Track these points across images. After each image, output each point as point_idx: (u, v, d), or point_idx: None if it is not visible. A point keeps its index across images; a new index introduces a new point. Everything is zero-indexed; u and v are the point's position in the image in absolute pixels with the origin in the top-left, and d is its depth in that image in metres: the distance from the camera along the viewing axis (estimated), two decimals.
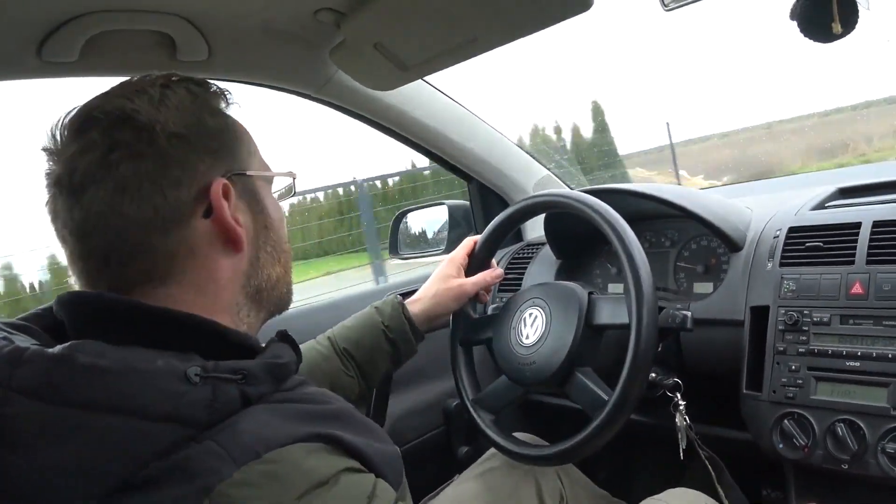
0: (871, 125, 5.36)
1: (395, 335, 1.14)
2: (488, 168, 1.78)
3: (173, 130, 0.63)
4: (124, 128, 0.62)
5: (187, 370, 0.54)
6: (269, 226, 0.72)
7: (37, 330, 0.63)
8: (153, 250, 0.62)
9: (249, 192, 0.70)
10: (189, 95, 0.66)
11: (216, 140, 0.67)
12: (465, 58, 1.15)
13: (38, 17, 0.92)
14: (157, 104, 0.63)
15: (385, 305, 1.17)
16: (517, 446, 1.11)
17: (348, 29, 1.10)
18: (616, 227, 1.04)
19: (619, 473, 1.82)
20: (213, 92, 0.70)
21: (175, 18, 1.02)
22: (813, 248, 1.13)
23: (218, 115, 0.69)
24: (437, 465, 1.32)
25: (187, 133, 0.64)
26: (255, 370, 0.59)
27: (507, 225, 1.27)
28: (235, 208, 0.67)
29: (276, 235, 0.73)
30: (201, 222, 0.64)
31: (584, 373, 1.06)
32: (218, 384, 0.55)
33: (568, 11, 0.98)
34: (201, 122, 0.66)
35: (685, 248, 1.43)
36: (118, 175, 0.60)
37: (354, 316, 1.19)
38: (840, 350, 1.04)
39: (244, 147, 0.71)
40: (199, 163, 0.64)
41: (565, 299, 1.10)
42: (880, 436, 0.98)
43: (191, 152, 0.64)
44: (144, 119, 0.62)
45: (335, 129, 20.95)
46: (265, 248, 0.71)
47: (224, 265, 0.66)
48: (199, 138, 0.65)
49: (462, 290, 1.22)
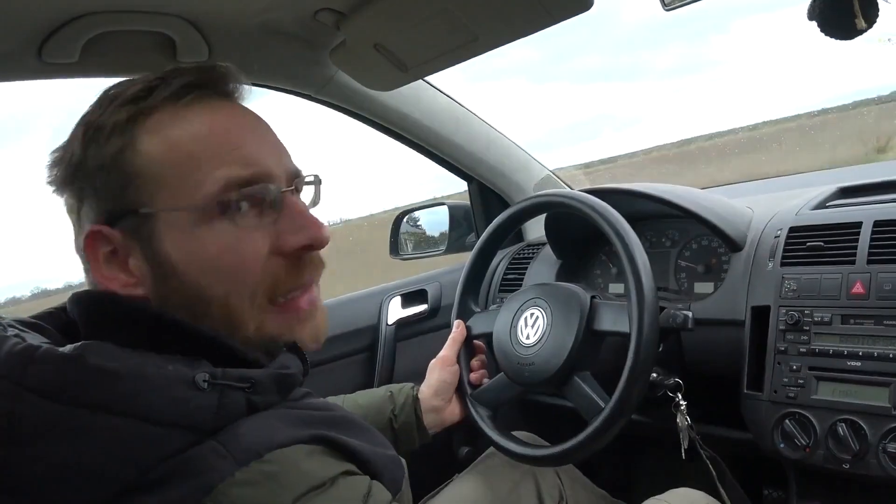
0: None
1: (399, 426, 1.13)
2: (488, 168, 1.78)
3: (60, 175, 0.63)
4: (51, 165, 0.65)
5: (195, 376, 0.54)
6: (170, 273, 0.60)
7: (49, 329, 0.63)
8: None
9: (141, 233, 0.60)
10: (84, 124, 0.62)
11: (97, 177, 0.60)
12: (466, 58, 1.15)
13: (39, 18, 0.92)
14: (71, 138, 0.63)
15: (399, 394, 1.16)
16: (515, 445, 1.11)
17: (348, 29, 1.10)
18: (618, 229, 1.04)
19: (621, 473, 1.82)
20: (130, 100, 0.61)
21: (175, 19, 1.02)
22: (814, 248, 1.13)
23: (108, 143, 0.60)
24: (438, 465, 1.31)
25: (73, 176, 0.62)
26: (263, 379, 0.58)
27: (508, 225, 1.27)
28: (126, 252, 0.61)
29: (186, 284, 0.60)
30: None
31: (583, 377, 1.06)
32: (225, 391, 0.55)
33: (568, 11, 0.98)
34: (86, 156, 0.61)
35: (686, 248, 1.43)
36: None
37: (370, 392, 1.18)
38: (841, 350, 1.04)
39: (140, 178, 0.59)
40: (81, 208, 0.62)
41: (567, 302, 1.10)
42: (882, 435, 0.98)
43: (75, 198, 0.63)
44: (58, 157, 0.64)
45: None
46: (171, 298, 0.60)
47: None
48: (83, 178, 0.61)
49: (441, 358, 1.21)
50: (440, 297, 1.71)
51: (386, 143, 1.53)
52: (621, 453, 1.80)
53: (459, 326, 1.24)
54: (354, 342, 1.57)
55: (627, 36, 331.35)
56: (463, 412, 1.21)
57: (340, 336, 1.54)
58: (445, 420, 1.19)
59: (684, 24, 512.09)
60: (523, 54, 32.81)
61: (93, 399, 0.51)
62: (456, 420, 1.21)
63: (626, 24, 55.96)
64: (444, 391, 1.18)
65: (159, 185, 0.59)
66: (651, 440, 1.70)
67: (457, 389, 1.21)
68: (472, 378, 1.23)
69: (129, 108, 0.60)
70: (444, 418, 1.19)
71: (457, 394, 1.21)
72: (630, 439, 1.63)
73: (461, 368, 1.22)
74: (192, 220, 0.60)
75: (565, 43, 38.13)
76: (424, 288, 1.71)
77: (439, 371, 1.20)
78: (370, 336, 1.59)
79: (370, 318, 1.61)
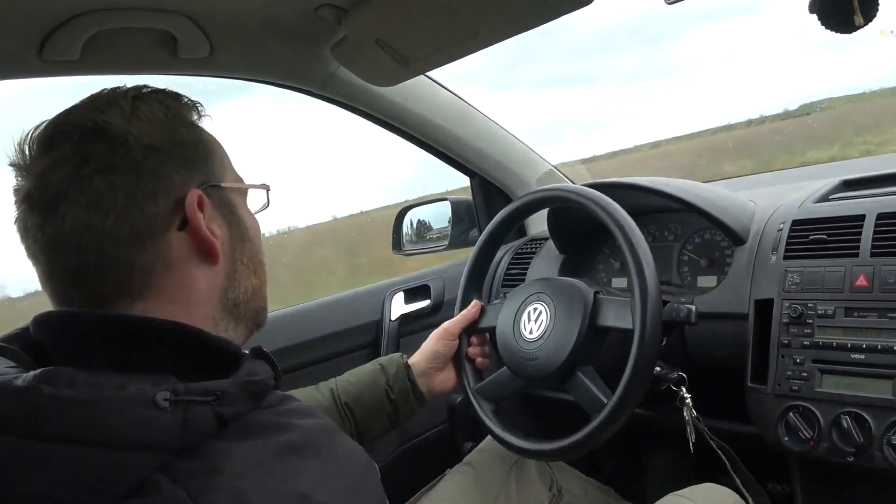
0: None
1: (396, 395, 1.14)
2: (491, 163, 1.78)
3: (147, 142, 0.62)
4: (96, 141, 0.60)
5: (156, 395, 0.52)
6: (244, 237, 0.71)
7: (17, 350, 0.61)
8: (129, 265, 0.60)
9: (224, 204, 0.69)
10: (161, 107, 0.65)
11: (190, 152, 0.66)
12: (467, 53, 1.15)
13: (39, 16, 0.92)
14: (129, 116, 0.62)
15: (390, 365, 1.17)
16: (517, 439, 1.11)
17: (349, 25, 1.10)
18: (621, 224, 1.04)
19: (626, 467, 1.82)
20: (185, 104, 0.69)
21: (176, 16, 1.02)
22: (817, 241, 1.13)
23: (191, 127, 0.68)
24: (442, 461, 1.32)
25: (161, 145, 0.63)
26: (230, 389, 0.57)
27: (511, 220, 1.27)
28: (210, 220, 0.65)
29: (253, 246, 0.72)
30: (176, 235, 0.62)
31: (586, 372, 1.06)
32: (189, 407, 0.53)
33: (569, 6, 0.98)
34: (174, 133, 0.65)
35: (689, 242, 1.43)
36: (91, 189, 0.59)
37: (359, 370, 1.19)
38: (845, 342, 1.04)
39: (217, 159, 0.70)
40: (174, 174, 0.63)
41: (570, 297, 1.10)
42: (886, 428, 0.98)
43: (165, 164, 0.63)
44: (117, 131, 0.61)
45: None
46: (241, 259, 0.70)
47: (200, 279, 0.64)
48: (173, 150, 0.64)
49: (444, 328, 1.22)
50: (443, 292, 1.71)
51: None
52: (626, 447, 1.80)
53: (476, 306, 1.25)
54: (358, 338, 1.57)
55: (583, 42, 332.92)
56: (456, 383, 1.23)
57: (344, 332, 1.54)
58: (435, 387, 1.21)
59: (639, 30, 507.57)
60: (477, 63, 32.57)
61: (51, 431, 0.49)
62: (446, 389, 1.23)
63: (580, 31, 53.66)
64: (436, 360, 1.20)
65: (224, 166, 0.71)
66: (656, 434, 1.70)
67: (453, 360, 1.23)
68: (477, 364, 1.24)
69: (187, 102, 0.70)
70: (433, 385, 1.21)
71: (452, 364, 1.23)
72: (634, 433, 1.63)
73: (465, 363, 1.22)
74: (243, 200, 0.73)
75: (519, 50, 38.22)
76: (427, 283, 1.71)
77: (436, 342, 1.22)
78: (373, 331, 1.59)
79: (373, 313, 1.61)
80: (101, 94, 0.65)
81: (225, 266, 0.67)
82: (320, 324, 1.52)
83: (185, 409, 0.52)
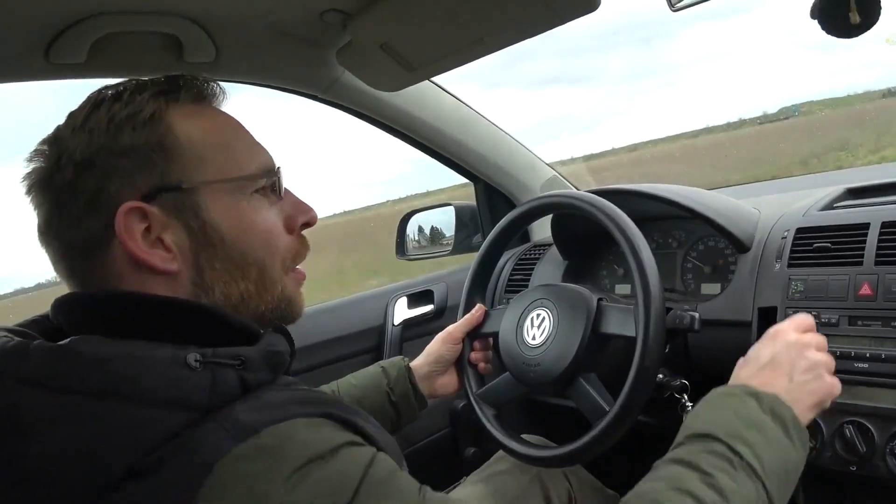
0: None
1: (397, 398, 1.14)
2: (495, 169, 1.78)
3: (78, 159, 0.62)
4: (45, 154, 0.64)
5: (187, 356, 0.55)
6: (213, 241, 0.65)
7: (36, 336, 0.63)
8: (82, 273, 0.64)
9: (186, 208, 0.64)
10: (108, 114, 0.64)
11: (135, 159, 0.63)
12: (472, 58, 1.15)
13: (46, 19, 0.93)
14: (76, 129, 0.64)
15: (392, 367, 1.17)
16: (519, 445, 1.10)
17: (355, 30, 1.11)
18: (625, 230, 1.03)
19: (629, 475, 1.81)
20: (153, 95, 0.65)
21: (182, 20, 1.03)
22: (821, 249, 1.13)
23: (144, 129, 0.64)
24: (444, 467, 1.32)
25: (93, 158, 0.62)
26: (253, 356, 0.60)
27: (515, 226, 1.27)
28: (163, 227, 0.63)
29: (232, 249, 0.66)
30: (119, 249, 0.62)
31: (588, 379, 1.06)
32: (217, 369, 0.57)
33: (575, 12, 0.98)
34: (115, 141, 0.62)
35: (692, 249, 1.43)
36: (43, 199, 0.64)
37: (361, 373, 1.19)
38: (848, 351, 1.03)
39: (187, 156, 0.65)
40: (108, 187, 0.62)
41: (573, 303, 1.09)
42: (889, 437, 0.97)
43: (98, 178, 0.62)
44: (59, 148, 0.64)
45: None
46: (211, 264, 0.65)
47: (158, 289, 0.63)
48: (108, 160, 0.62)
49: (447, 332, 1.22)
50: (446, 297, 1.71)
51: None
52: (630, 455, 1.80)
53: (479, 310, 1.24)
54: (360, 342, 1.57)
55: (576, 41, 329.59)
56: (458, 387, 1.22)
57: (347, 336, 1.54)
58: (436, 390, 1.21)
59: (632, 29, 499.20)
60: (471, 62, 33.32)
61: (88, 386, 0.53)
62: (448, 393, 1.23)
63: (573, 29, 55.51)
64: (439, 364, 1.20)
65: (203, 162, 0.65)
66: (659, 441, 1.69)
67: (456, 364, 1.22)
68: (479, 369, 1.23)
69: (158, 99, 0.65)
70: (434, 388, 1.21)
71: (455, 368, 1.22)
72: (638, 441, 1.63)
73: (467, 368, 1.22)
74: (236, 191, 0.67)
75: (512, 48, 38.37)
76: (430, 288, 1.71)
77: (439, 344, 1.21)
78: (376, 336, 1.59)
79: (376, 318, 1.61)
80: (95, 93, 0.67)
81: (189, 275, 0.65)
82: (323, 328, 1.52)
83: (213, 372, 0.56)
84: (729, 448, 0.72)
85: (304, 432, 0.55)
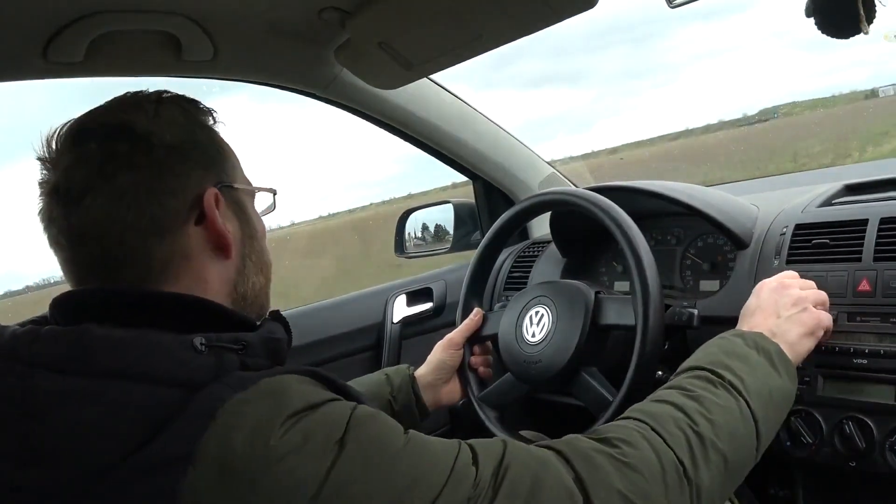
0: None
1: (399, 407, 1.14)
2: (494, 166, 1.78)
3: (168, 142, 0.67)
4: (121, 139, 0.65)
5: (193, 339, 0.58)
6: (253, 236, 0.75)
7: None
8: (149, 255, 0.65)
9: (236, 203, 0.73)
10: (181, 111, 0.71)
11: (206, 153, 0.71)
12: (471, 56, 1.15)
13: (44, 18, 0.93)
14: (152, 118, 0.67)
15: (396, 376, 1.17)
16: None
17: (353, 28, 1.10)
18: (623, 227, 1.04)
19: None
20: (202, 109, 0.74)
21: (180, 18, 1.02)
22: (820, 245, 1.13)
23: (207, 130, 0.73)
24: None
25: (181, 145, 0.68)
26: (254, 341, 0.64)
27: (513, 223, 1.27)
28: (224, 216, 0.70)
29: (260, 246, 0.76)
30: (194, 229, 0.67)
31: (590, 373, 1.06)
32: (221, 352, 0.60)
33: (572, 9, 0.98)
34: (193, 135, 0.70)
35: (691, 246, 1.43)
36: (115, 184, 0.64)
37: (366, 378, 1.19)
38: (847, 347, 1.03)
39: (229, 161, 0.74)
40: (192, 173, 0.68)
41: (571, 298, 1.10)
42: (888, 433, 0.97)
43: (184, 163, 0.67)
44: (141, 131, 0.66)
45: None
46: (250, 256, 0.74)
47: (213, 272, 0.69)
48: (192, 151, 0.69)
49: (448, 339, 1.22)
50: (445, 295, 1.71)
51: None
52: None
53: (478, 314, 1.25)
54: (359, 340, 1.57)
55: (568, 41, 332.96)
56: (463, 395, 1.22)
57: (345, 334, 1.54)
58: (441, 399, 1.21)
59: (625, 29, 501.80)
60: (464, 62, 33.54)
61: (100, 367, 0.55)
62: (453, 401, 1.23)
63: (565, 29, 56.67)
64: (442, 372, 1.20)
65: (235, 169, 0.75)
66: None
67: (458, 371, 1.22)
68: (480, 373, 1.23)
69: (206, 108, 0.75)
70: (439, 397, 1.21)
71: (458, 375, 1.22)
72: None
73: (468, 372, 1.22)
74: (251, 201, 0.77)
75: (506, 48, 38.22)
76: (429, 286, 1.71)
77: (442, 352, 1.22)
78: (375, 334, 1.59)
79: (375, 316, 1.61)
80: (124, 97, 0.70)
81: (236, 261, 0.72)
82: (322, 326, 1.52)
83: (217, 355, 0.60)
84: (711, 372, 0.80)
85: (297, 385, 0.58)
